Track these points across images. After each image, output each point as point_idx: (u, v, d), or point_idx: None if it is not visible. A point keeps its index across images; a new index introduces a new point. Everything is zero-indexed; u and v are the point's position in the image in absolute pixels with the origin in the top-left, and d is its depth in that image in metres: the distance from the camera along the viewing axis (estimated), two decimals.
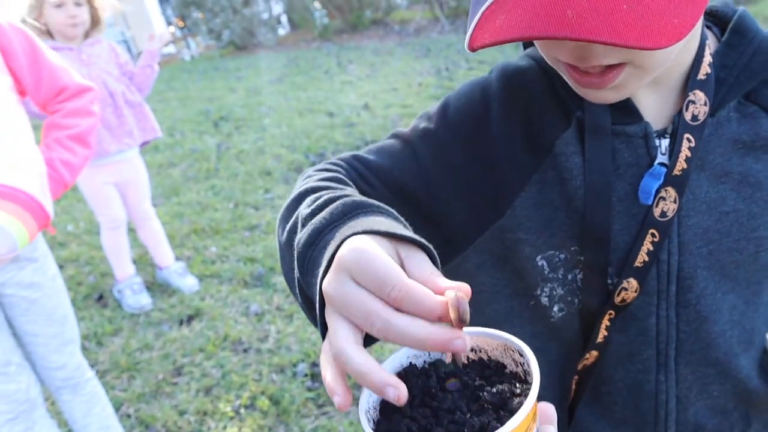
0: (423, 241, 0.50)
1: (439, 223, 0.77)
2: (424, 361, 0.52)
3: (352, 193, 0.62)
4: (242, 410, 2.45)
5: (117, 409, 2.51)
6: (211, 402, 2.47)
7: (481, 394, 0.46)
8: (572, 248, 0.74)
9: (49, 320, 1.77)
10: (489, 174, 0.76)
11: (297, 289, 0.61)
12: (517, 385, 0.47)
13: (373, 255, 0.45)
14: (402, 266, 0.48)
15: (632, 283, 0.73)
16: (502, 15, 0.52)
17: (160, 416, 2.43)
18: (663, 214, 0.70)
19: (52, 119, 1.70)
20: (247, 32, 12.12)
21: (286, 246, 0.64)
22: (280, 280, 3.34)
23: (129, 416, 2.47)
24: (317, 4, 12.06)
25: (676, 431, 0.81)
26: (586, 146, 0.71)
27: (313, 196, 0.64)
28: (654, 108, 0.71)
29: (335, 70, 8.90)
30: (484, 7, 0.54)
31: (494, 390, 0.46)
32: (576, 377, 0.81)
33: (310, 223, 0.57)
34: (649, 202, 0.70)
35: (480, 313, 0.81)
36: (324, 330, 0.49)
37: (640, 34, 0.48)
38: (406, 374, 0.50)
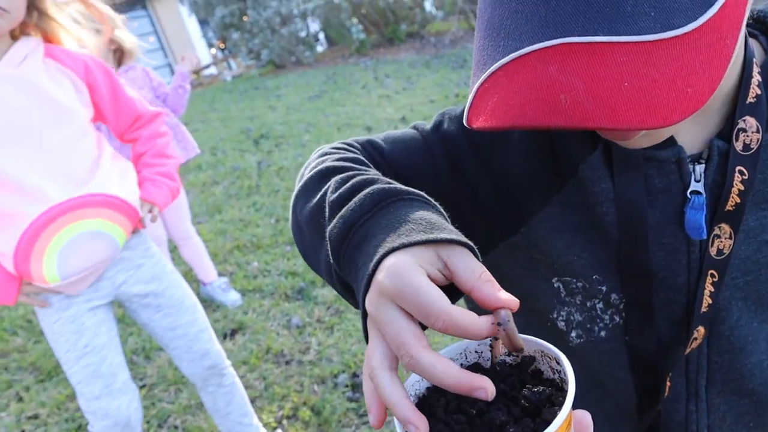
0: (462, 238, 0.49)
1: None
2: (466, 361, 0.52)
3: (378, 177, 0.60)
4: (285, 421, 2.49)
5: (164, 420, 2.59)
6: (255, 413, 2.52)
7: (517, 398, 0.47)
8: (593, 277, 0.70)
9: (181, 309, 1.89)
10: (505, 188, 0.72)
11: (327, 271, 0.62)
12: (554, 392, 0.47)
13: (414, 284, 0.45)
14: (447, 269, 0.48)
15: (700, 331, 0.69)
16: (495, 96, 0.49)
17: (206, 427, 2.49)
18: (719, 252, 0.65)
19: (134, 151, 1.86)
20: (286, 51, 12.34)
21: (309, 224, 0.64)
22: (321, 293, 3.39)
23: (176, 427, 2.54)
24: (354, 20, 12.21)
25: None
26: (616, 174, 0.66)
27: (338, 178, 0.63)
28: (688, 132, 0.65)
29: (372, 85, 8.99)
30: (478, 84, 0.51)
31: (531, 397, 0.46)
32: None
33: (339, 215, 0.56)
34: (703, 237, 0.64)
35: None
36: (368, 336, 0.50)
37: (645, 113, 0.43)
38: None
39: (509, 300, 0.46)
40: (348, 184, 0.60)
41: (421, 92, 7.88)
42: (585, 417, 0.47)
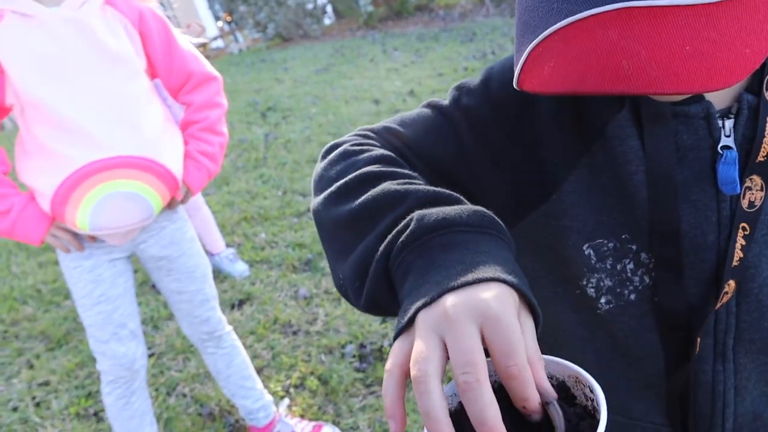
0: (539, 312, 0.49)
1: (481, 204, 0.72)
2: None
3: (460, 197, 0.60)
4: (292, 390, 2.51)
5: (173, 388, 2.62)
6: (262, 382, 2.53)
7: (548, 427, 0.46)
8: (623, 236, 0.70)
9: (191, 277, 1.93)
10: (534, 156, 0.71)
11: (361, 262, 0.58)
12: (586, 422, 0.46)
13: (515, 323, 0.44)
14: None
15: (731, 285, 0.68)
16: (551, 61, 0.49)
17: (214, 396, 2.51)
18: (751, 204, 0.64)
19: (184, 118, 1.85)
20: (293, 23, 12.23)
21: (353, 221, 0.61)
22: (327, 264, 3.39)
23: (185, 395, 2.57)
24: None
25: (734, 422, 0.76)
26: (645, 131, 0.65)
27: (401, 181, 0.61)
28: None
29: (380, 58, 8.91)
30: (530, 47, 0.50)
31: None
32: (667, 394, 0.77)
33: (437, 210, 0.54)
34: (738, 191, 0.64)
35: None
36: (406, 324, 0.48)
37: (706, 76, 0.44)
38: None
39: (552, 392, 0.46)
40: (430, 192, 0.58)
41: (430, 65, 7.81)
42: None
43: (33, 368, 2.91)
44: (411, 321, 0.47)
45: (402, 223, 0.55)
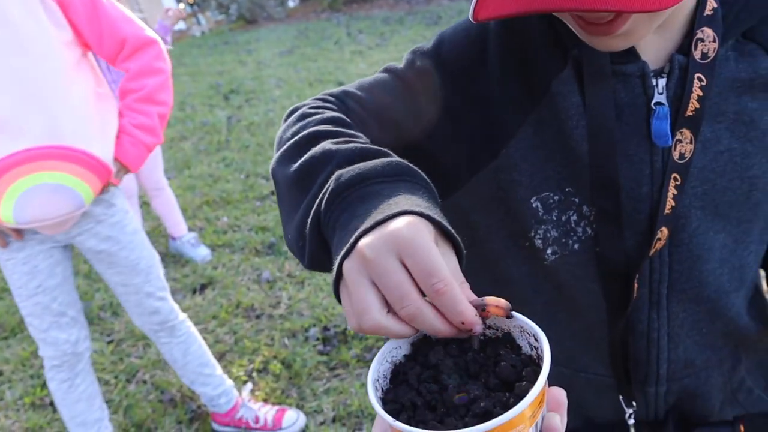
0: (460, 242, 0.51)
1: (435, 161, 0.75)
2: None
3: (387, 151, 0.61)
4: (255, 374, 2.48)
5: (133, 375, 2.56)
6: (225, 367, 2.50)
7: (492, 374, 0.46)
8: (566, 189, 0.73)
9: (134, 270, 1.86)
10: (484, 114, 0.74)
11: (301, 223, 0.59)
12: (530, 368, 0.46)
13: (430, 245, 0.46)
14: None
15: (664, 232, 0.72)
16: None
17: (175, 382, 2.46)
18: (681, 156, 0.69)
19: (121, 85, 1.73)
20: (256, 6, 12.03)
21: (295, 181, 0.63)
22: None
23: (145, 382, 2.51)
24: None
25: (668, 368, 0.81)
26: (586, 88, 0.69)
27: (339, 140, 0.63)
28: (651, 47, 0.69)
29: (345, 40, 8.83)
30: None
31: (506, 372, 0.46)
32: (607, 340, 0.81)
33: (356, 166, 0.56)
34: (669, 143, 0.68)
35: (476, 252, 0.80)
36: (339, 276, 0.49)
37: None
38: (420, 344, 0.50)
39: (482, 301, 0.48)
40: (355, 147, 0.60)
41: (395, 48, 7.76)
42: (560, 395, 0.48)
43: None
44: (340, 274, 0.48)
45: (327, 183, 0.57)
